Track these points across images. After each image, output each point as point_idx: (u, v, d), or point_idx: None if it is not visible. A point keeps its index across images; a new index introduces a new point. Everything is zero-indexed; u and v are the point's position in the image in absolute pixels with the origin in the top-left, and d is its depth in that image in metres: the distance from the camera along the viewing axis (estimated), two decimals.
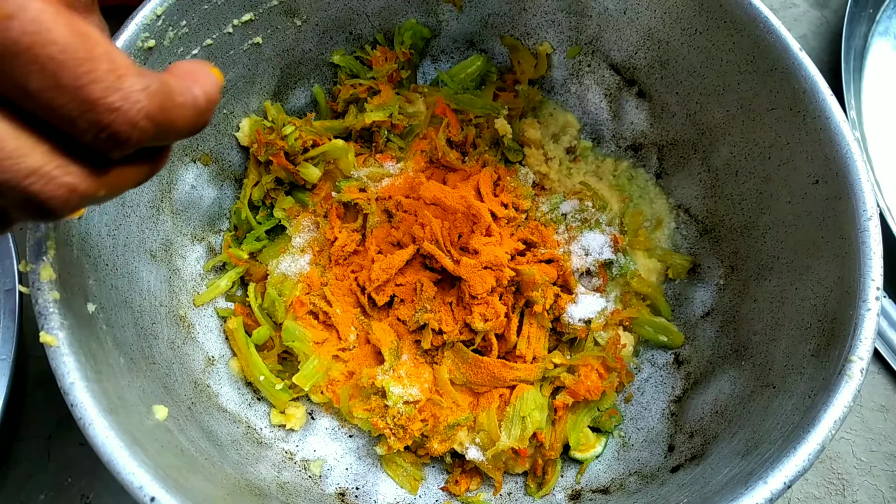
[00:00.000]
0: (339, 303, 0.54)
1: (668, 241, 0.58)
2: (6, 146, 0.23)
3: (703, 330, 0.54)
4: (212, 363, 0.52)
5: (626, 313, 0.55)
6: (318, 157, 0.57)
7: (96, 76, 0.23)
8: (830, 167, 0.45)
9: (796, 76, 0.46)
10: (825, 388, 0.39)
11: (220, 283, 0.55)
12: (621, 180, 0.60)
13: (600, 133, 0.62)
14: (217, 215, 0.57)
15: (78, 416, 0.35)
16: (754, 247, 0.51)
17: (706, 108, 0.54)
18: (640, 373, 0.56)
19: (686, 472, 0.45)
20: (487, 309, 0.51)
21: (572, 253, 0.55)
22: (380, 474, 0.52)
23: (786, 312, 0.47)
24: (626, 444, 0.52)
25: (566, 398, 0.51)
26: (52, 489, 0.53)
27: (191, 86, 0.26)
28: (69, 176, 0.24)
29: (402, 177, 0.58)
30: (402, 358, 0.52)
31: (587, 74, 0.61)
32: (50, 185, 0.24)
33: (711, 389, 0.50)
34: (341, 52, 0.60)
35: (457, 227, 0.54)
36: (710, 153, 0.55)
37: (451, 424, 0.50)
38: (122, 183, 0.27)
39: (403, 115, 0.59)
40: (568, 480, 0.52)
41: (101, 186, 0.25)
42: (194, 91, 0.26)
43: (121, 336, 0.43)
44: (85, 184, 0.24)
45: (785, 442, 0.38)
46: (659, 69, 0.56)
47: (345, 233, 0.56)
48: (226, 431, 0.49)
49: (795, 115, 0.47)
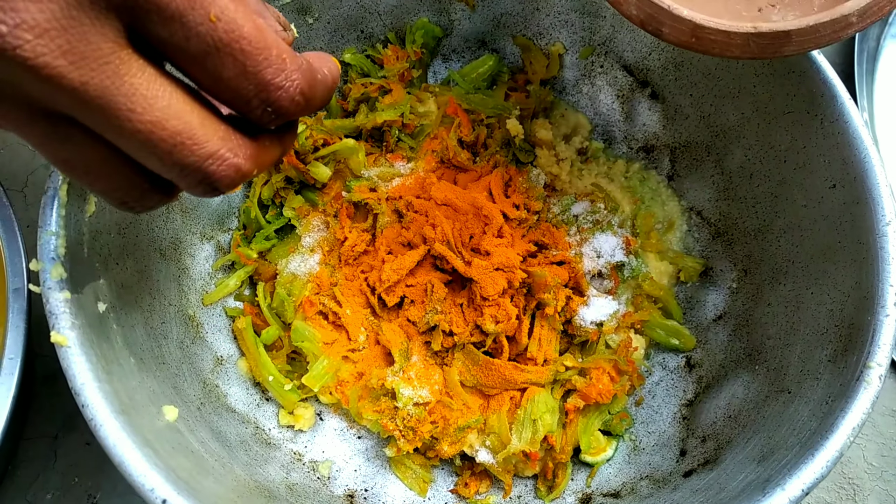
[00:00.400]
0: (349, 303, 0.54)
1: (679, 244, 0.58)
2: (196, 133, 0.26)
3: (716, 333, 0.54)
4: (220, 363, 0.52)
5: (638, 316, 0.55)
6: (328, 157, 0.56)
7: (270, 61, 0.26)
8: (848, 171, 0.44)
9: (814, 79, 0.46)
10: (843, 395, 0.38)
11: (229, 283, 0.55)
12: (633, 182, 0.60)
13: (612, 134, 0.62)
14: (226, 214, 0.57)
15: (89, 417, 0.35)
16: (768, 250, 0.51)
17: (721, 111, 0.54)
18: (650, 376, 0.55)
19: (700, 478, 0.44)
20: (498, 311, 0.51)
21: (584, 255, 0.55)
22: (389, 476, 0.52)
23: (801, 317, 0.46)
24: (637, 447, 0.52)
25: (577, 401, 0.51)
26: (59, 489, 0.53)
27: (324, 66, 0.30)
28: (237, 158, 0.28)
29: (413, 177, 0.57)
30: (412, 359, 0.52)
31: (599, 75, 0.61)
32: (223, 166, 0.27)
33: (724, 394, 0.50)
34: (352, 51, 0.60)
35: (468, 228, 0.54)
36: (723, 156, 0.55)
37: (462, 427, 0.50)
38: (268, 159, 0.30)
39: (414, 115, 0.58)
40: (578, 484, 0.51)
41: (255, 165, 0.29)
42: (327, 70, 0.30)
43: (131, 336, 0.43)
44: (247, 164, 0.28)
45: (802, 448, 0.37)
46: (673, 71, 0.56)
47: (355, 233, 0.55)
48: (235, 432, 0.48)
49: (812, 118, 0.46)
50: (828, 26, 0.35)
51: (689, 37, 0.37)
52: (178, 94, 0.26)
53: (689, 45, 0.37)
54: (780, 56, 0.37)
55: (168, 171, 0.27)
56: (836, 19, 0.35)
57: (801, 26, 0.35)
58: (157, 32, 0.24)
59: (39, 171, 0.63)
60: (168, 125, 0.25)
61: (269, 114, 0.28)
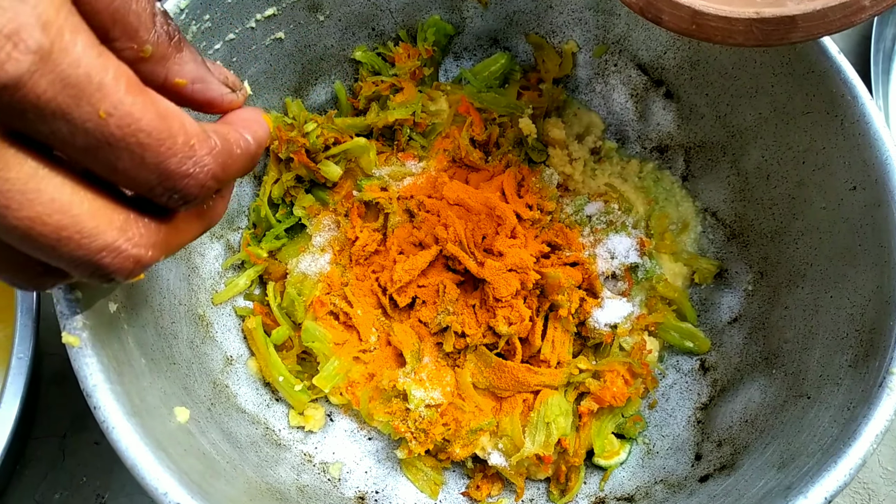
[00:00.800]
0: (360, 303, 0.53)
1: (693, 245, 0.57)
2: (84, 226, 0.24)
3: (731, 336, 0.53)
4: (230, 363, 0.52)
5: (652, 318, 0.54)
6: (339, 155, 0.56)
7: (175, 150, 0.25)
8: (869, 173, 0.43)
9: (834, 79, 0.45)
10: (865, 401, 0.38)
11: (239, 282, 0.54)
12: (647, 182, 0.59)
13: (625, 134, 0.61)
14: (236, 212, 0.57)
15: (102, 418, 0.34)
16: (786, 253, 0.50)
17: (737, 111, 0.53)
18: (664, 379, 0.55)
19: (717, 483, 0.44)
20: (511, 312, 0.50)
21: (598, 256, 0.54)
22: (400, 478, 0.51)
23: (820, 321, 0.46)
24: (651, 451, 0.52)
25: (591, 404, 0.50)
26: (67, 488, 0.52)
27: (245, 134, 0.29)
28: (137, 248, 0.26)
29: (425, 176, 0.57)
30: (424, 361, 0.52)
31: (613, 74, 0.60)
32: (119, 258, 0.25)
33: (740, 398, 0.49)
34: (363, 49, 0.59)
35: (480, 228, 0.53)
36: (739, 156, 0.54)
37: (474, 429, 0.49)
38: (185, 239, 0.29)
39: (426, 114, 0.58)
40: (591, 488, 0.51)
41: (164, 251, 0.28)
42: (248, 139, 0.29)
43: (142, 336, 0.42)
44: (151, 252, 0.27)
45: (824, 455, 0.37)
46: (689, 70, 0.55)
47: (366, 232, 0.55)
48: (245, 433, 0.48)
49: (832, 119, 0.46)
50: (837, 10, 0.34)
51: (688, 24, 0.36)
52: (66, 184, 0.24)
53: (690, 32, 0.36)
54: (787, 43, 0.35)
55: (56, 263, 0.25)
56: (846, 3, 0.33)
57: (807, 10, 0.34)
58: (37, 129, 0.22)
59: None
60: (50, 220, 0.23)
61: (178, 200, 0.26)
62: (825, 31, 0.34)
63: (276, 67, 0.55)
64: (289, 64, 0.55)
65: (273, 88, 0.56)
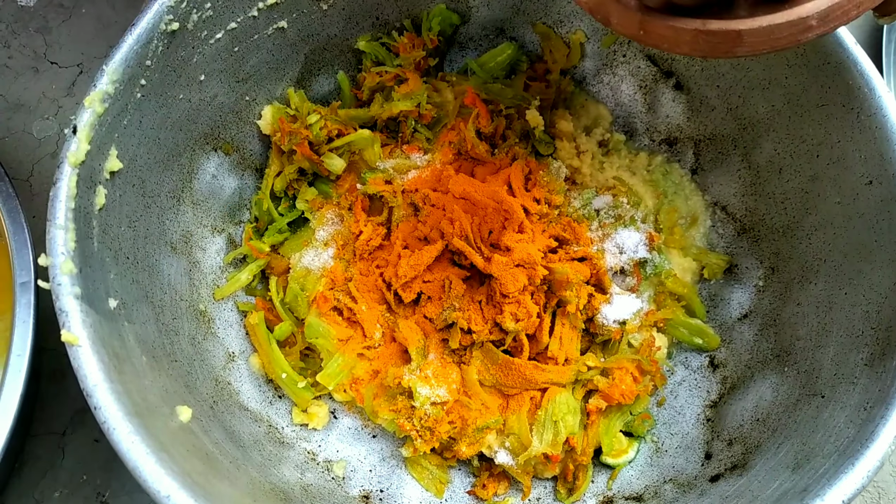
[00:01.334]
0: (364, 299, 0.52)
1: (703, 240, 0.56)
2: None
3: (741, 333, 0.52)
4: (232, 359, 0.51)
5: (661, 314, 0.53)
6: (342, 148, 0.55)
7: None
8: (886, 168, 0.42)
9: (851, 72, 0.44)
10: (882, 401, 0.37)
11: (241, 277, 0.53)
12: (655, 175, 0.58)
13: (633, 126, 0.60)
14: (238, 206, 0.55)
15: (102, 419, 0.33)
16: (798, 248, 0.49)
17: (749, 102, 0.52)
18: (672, 376, 0.54)
19: (728, 483, 0.43)
20: (519, 308, 0.49)
21: (606, 251, 0.54)
22: (405, 476, 0.51)
23: (834, 318, 0.45)
24: (660, 449, 0.51)
25: (599, 402, 0.50)
26: (67, 486, 0.52)
27: None
28: None
29: (430, 169, 0.55)
30: (430, 357, 0.51)
31: (622, 65, 0.59)
32: None
33: (751, 395, 0.48)
34: (367, 38, 0.58)
35: (487, 222, 0.52)
36: (751, 149, 0.53)
37: (480, 427, 0.49)
38: None
39: (431, 105, 0.57)
40: (599, 486, 0.50)
41: None
42: None
43: (142, 333, 0.41)
44: None
45: (841, 457, 0.36)
46: (699, 61, 0.54)
47: (370, 226, 0.54)
48: (248, 431, 0.47)
49: (848, 112, 0.45)
50: (784, 28, 0.33)
51: (636, 29, 0.35)
52: None
53: (639, 37, 0.35)
54: (732, 56, 0.34)
55: None
56: (792, 21, 0.33)
57: (753, 27, 0.33)
58: None
59: (46, 161, 0.61)
60: None
61: None
62: (770, 48, 0.34)
63: (278, 57, 0.53)
64: (291, 54, 0.54)
65: (275, 79, 0.54)
